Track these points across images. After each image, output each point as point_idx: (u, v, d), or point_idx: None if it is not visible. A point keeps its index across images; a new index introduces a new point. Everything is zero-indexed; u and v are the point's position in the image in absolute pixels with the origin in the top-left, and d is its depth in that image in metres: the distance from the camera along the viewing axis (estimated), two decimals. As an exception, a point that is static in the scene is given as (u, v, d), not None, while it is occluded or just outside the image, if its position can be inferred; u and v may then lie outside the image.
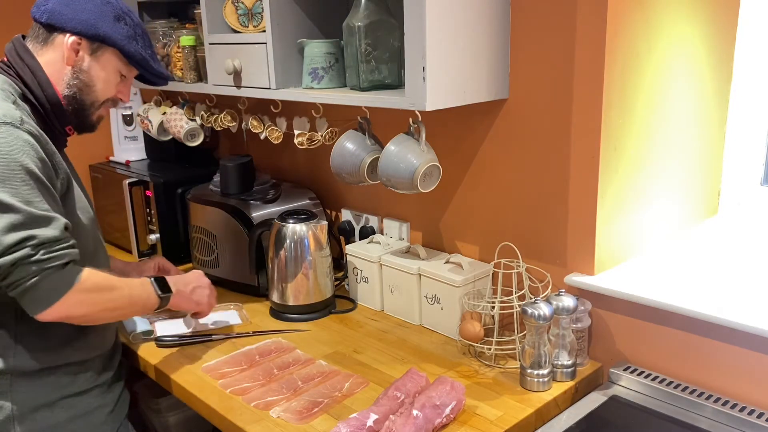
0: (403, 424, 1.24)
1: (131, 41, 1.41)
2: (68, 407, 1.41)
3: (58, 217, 1.26)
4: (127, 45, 1.40)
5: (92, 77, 1.40)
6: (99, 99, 1.43)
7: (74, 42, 1.37)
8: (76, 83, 1.40)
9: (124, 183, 2.24)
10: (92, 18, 1.37)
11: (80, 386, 1.44)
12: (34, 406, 1.37)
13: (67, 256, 1.25)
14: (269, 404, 1.39)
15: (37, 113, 1.37)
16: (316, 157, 2.14)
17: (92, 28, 1.37)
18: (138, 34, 1.42)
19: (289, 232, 1.77)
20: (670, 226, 1.67)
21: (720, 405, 1.31)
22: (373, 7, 1.50)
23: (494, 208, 1.68)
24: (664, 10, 1.47)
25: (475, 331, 1.52)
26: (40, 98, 1.37)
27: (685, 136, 1.63)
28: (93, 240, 1.45)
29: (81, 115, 1.43)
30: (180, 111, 2.18)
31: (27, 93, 1.36)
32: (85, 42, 1.38)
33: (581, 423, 1.34)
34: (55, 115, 1.39)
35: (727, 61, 1.69)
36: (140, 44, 1.43)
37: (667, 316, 1.40)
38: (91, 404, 1.45)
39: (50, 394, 1.39)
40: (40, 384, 1.38)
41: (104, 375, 1.49)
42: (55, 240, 1.23)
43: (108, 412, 1.48)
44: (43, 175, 1.26)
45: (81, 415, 1.43)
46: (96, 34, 1.37)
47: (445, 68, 1.39)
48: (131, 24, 1.41)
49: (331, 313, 1.83)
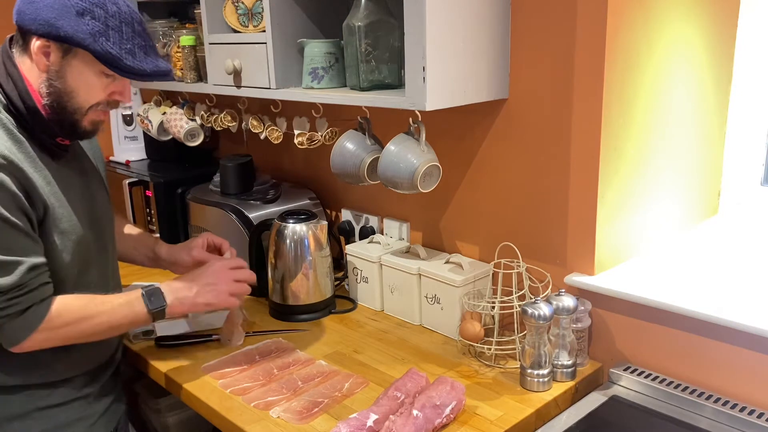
0: (403, 424, 1.24)
1: (98, 38, 1.20)
2: (44, 419, 1.36)
3: (20, 260, 1.20)
4: (92, 43, 1.20)
5: (68, 82, 1.25)
6: (83, 106, 1.27)
7: (41, 45, 1.22)
8: (53, 90, 1.25)
9: (124, 183, 2.24)
10: (52, 16, 1.19)
11: (58, 398, 1.38)
12: (6, 417, 1.33)
13: (28, 301, 1.22)
14: (269, 404, 1.39)
15: (22, 125, 1.26)
16: (316, 157, 2.14)
17: (53, 28, 1.19)
18: (111, 27, 1.21)
19: (289, 232, 1.77)
20: (670, 226, 1.67)
21: (720, 405, 1.31)
22: (373, 7, 1.49)
23: (494, 208, 1.68)
24: (664, 9, 1.47)
25: (475, 331, 1.51)
26: (21, 110, 1.25)
27: (685, 136, 1.63)
28: (83, 258, 1.36)
29: (67, 124, 1.28)
30: (180, 111, 2.18)
31: (10, 105, 1.25)
32: (54, 44, 1.22)
33: (581, 423, 1.34)
34: (41, 129, 1.27)
35: (727, 61, 1.69)
36: (114, 39, 1.21)
37: (667, 316, 1.40)
38: (70, 417, 1.39)
39: (24, 406, 1.34)
40: (14, 395, 1.33)
41: (89, 387, 1.43)
42: (14, 287, 1.20)
43: (89, 424, 1.42)
44: (8, 212, 1.18)
45: (58, 427, 1.37)
46: (58, 36, 1.19)
47: (445, 68, 1.39)
48: (100, 17, 1.20)
49: (331, 313, 1.83)
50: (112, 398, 1.50)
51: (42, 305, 1.25)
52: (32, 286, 1.23)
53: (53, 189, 1.29)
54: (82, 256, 1.36)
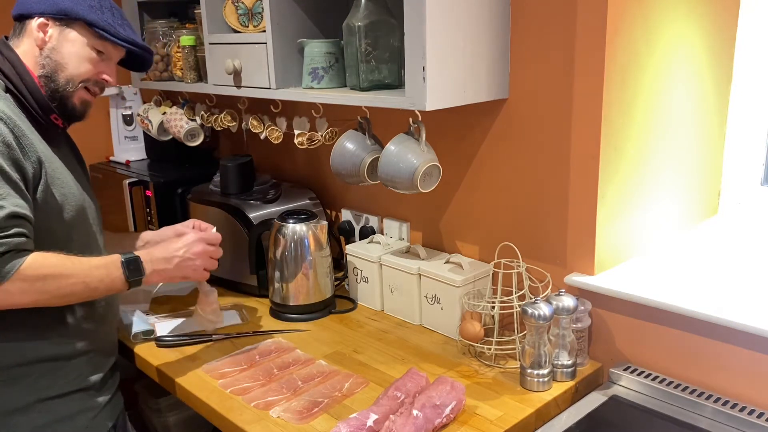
0: (403, 424, 1.24)
1: (95, 11, 1.40)
2: (46, 411, 1.37)
3: (2, 206, 1.23)
4: (90, 14, 1.39)
5: (63, 54, 1.39)
6: (74, 78, 1.41)
7: (41, 23, 1.39)
8: (47, 62, 1.39)
9: (124, 183, 2.24)
10: None
11: (61, 389, 1.39)
12: (7, 410, 1.34)
13: (3, 246, 1.22)
14: (269, 404, 1.39)
15: (22, 105, 1.37)
16: (316, 157, 2.14)
17: (54, 5, 1.38)
18: (105, 6, 1.41)
19: (289, 232, 1.77)
20: (671, 226, 1.67)
21: (720, 405, 1.31)
22: (373, 7, 1.50)
23: (494, 208, 1.68)
24: (664, 9, 1.47)
25: (475, 331, 1.52)
26: (20, 87, 1.37)
27: (685, 136, 1.63)
28: (84, 229, 1.43)
29: (60, 98, 1.40)
30: (180, 111, 2.18)
31: (9, 84, 1.37)
32: (52, 21, 1.39)
33: (581, 423, 1.34)
34: (37, 103, 1.38)
35: (727, 61, 1.69)
36: (107, 15, 1.41)
37: (668, 316, 1.40)
38: (72, 409, 1.40)
39: (25, 398, 1.35)
40: (14, 386, 1.34)
41: (90, 378, 1.44)
42: None
43: (92, 417, 1.43)
44: (2, 158, 1.25)
45: (60, 420, 1.39)
46: (59, 10, 1.38)
47: (445, 68, 1.39)
48: None
49: (331, 313, 1.83)
50: (112, 392, 1.51)
51: (18, 255, 1.25)
52: (8, 232, 1.23)
53: (51, 157, 1.38)
54: (81, 220, 1.43)
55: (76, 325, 1.41)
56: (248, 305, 1.89)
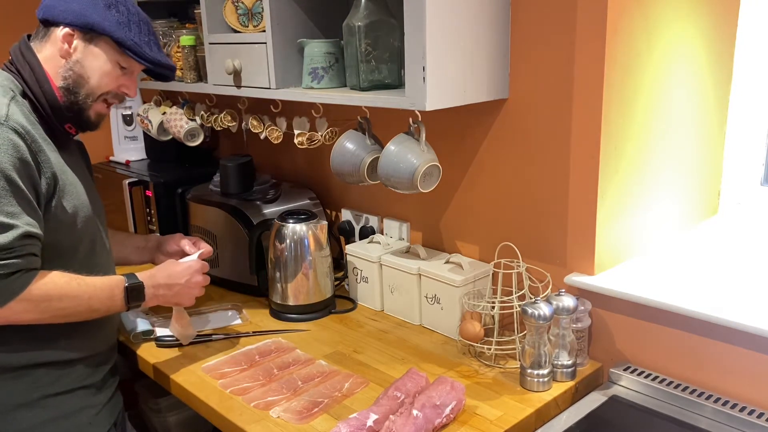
0: (403, 424, 1.24)
1: (122, 27, 1.38)
2: (49, 407, 1.38)
3: (16, 225, 1.23)
4: (117, 31, 1.37)
5: (86, 68, 1.39)
6: (95, 91, 1.41)
7: (66, 34, 1.37)
8: (70, 74, 1.38)
9: (124, 183, 2.24)
10: (82, 8, 1.36)
11: (64, 386, 1.40)
12: (12, 405, 1.35)
13: (14, 267, 1.24)
14: (269, 404, 1.39)
15: (37, 110, 1.37)
16: (316, 157, 2.14)
17: (82, 17, 1.36)
18: (133, 21, 1.40)
19: (289, 232, 1.77)
20: (670, 226, 1.67)
21: (720, 405, 1.31)
22: (373, 7, 1.49)
23: (494, 208, 1.68)
24: (664, 9, 1.47)
25: (475, 331, 1.52)
26: (38, 94, 1.37)
27: (686, 136, 1.63)
28: (89, 239, 1.44)
29: (77, 110, 1.40)
30: (180, 111, 2.18)
31: (26, 90, 1.36)
32: (78, 33, 1.37)
33: (581, 423, 1.34)
34: (53, 111, 1.38)
35: (727, 61, 1.69)
36: (134, 31, 1.40)
37: (667, 316, 1.40)
38: (75, 405, 1.42)
39: (30, 393, 1.36)
40: (19, 383, 1.35)
41: (93, 376, 1.46)
42: (4, 249, 1.22)
43: (94, 414, 1.45)
44: (18, 176, 1.25)
45: (64, 416, 1.40)
46: (86, 23, 1.36)
47: (445, 68, 1.39)
48: (124, 12, 1.39)
49: (331, 313, 1.83)
50: (112, 390, 1.52)
51: (28, 274, 1.27)
52: (20, 252, 1.25)
53: (63, 168, 1.38)
54: (90, 234, 1.43)
55: (79, 331, 1.42)
56: (248, 305, 1.89)
